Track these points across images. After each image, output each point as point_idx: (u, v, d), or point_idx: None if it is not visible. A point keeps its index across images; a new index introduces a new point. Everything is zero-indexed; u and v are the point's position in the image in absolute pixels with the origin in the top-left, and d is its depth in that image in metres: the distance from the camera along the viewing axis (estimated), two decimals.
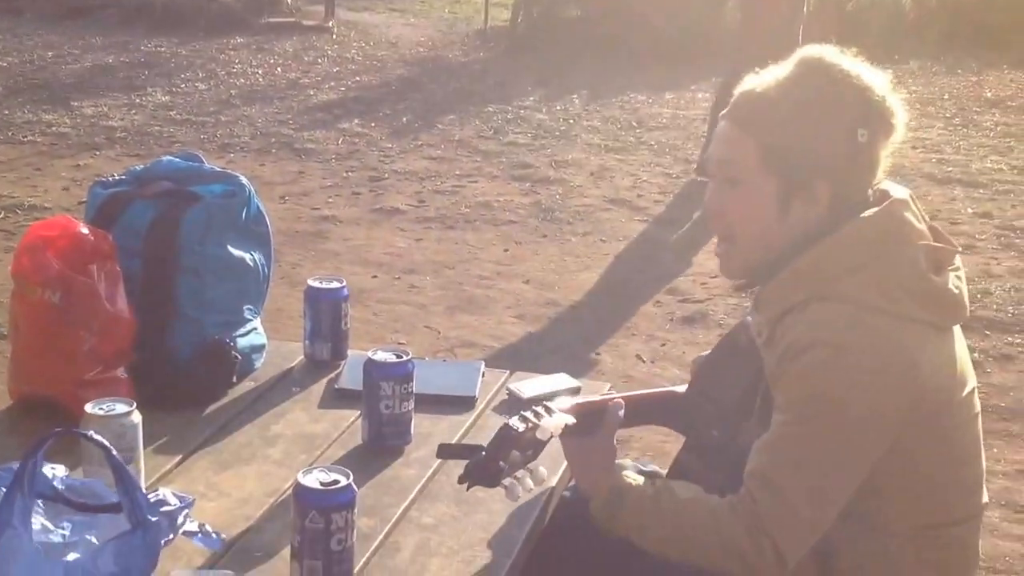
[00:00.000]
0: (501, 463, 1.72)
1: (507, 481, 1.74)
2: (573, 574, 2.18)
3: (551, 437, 1.79)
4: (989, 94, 9.22)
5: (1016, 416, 4.12)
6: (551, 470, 1.86)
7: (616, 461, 1.92)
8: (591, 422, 1.87)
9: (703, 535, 1.79)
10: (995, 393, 4.24)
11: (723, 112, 1.89)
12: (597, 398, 1.95)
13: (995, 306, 5.03)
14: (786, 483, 1.74)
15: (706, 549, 1.79)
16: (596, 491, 1.85)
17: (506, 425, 1.75)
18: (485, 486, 1.75)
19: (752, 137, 1.82)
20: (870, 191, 1.86)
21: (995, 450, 3.80)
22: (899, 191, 1.87)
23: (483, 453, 1.73)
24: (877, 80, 1.84)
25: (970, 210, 6.39)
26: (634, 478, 1.85)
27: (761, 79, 1.87)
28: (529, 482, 1.77)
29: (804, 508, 1.74)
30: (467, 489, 1.77)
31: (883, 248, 1.80)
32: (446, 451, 1.84)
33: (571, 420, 1.81)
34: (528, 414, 1.77)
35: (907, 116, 1.86)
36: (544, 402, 1.83)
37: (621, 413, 1.90)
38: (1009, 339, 4.77)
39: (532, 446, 1.78)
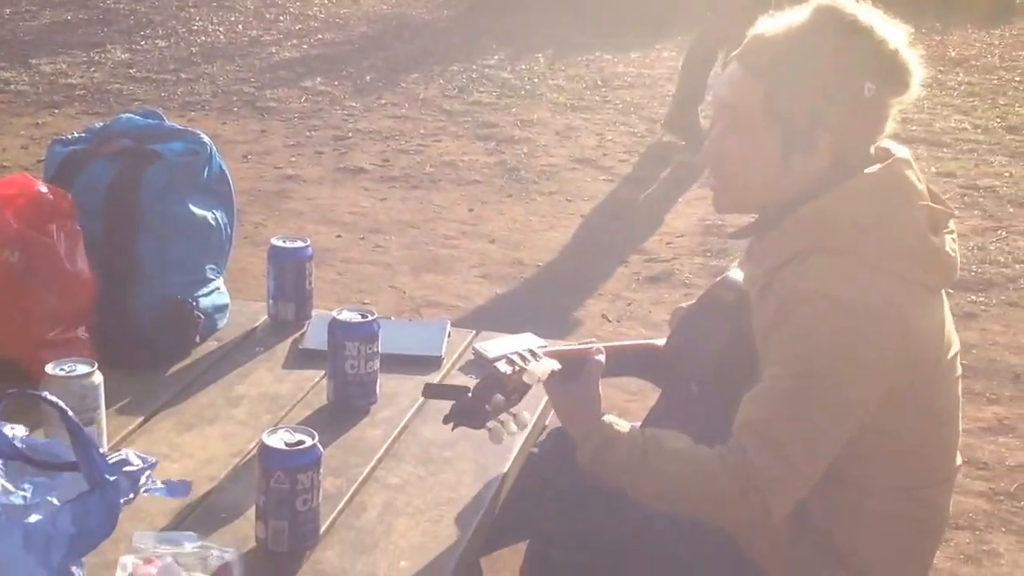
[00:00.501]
0: (486, 405, 1.71)
1: (491, 424, 1.73)
2: (540, 532, 2.20)
3: (537, 381, 1.78)
4: (953, 53, 9.24)
5: (978, 374, 4.15)
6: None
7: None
8: (574, 369, 1.86)
9: (691, 485, 1.78)
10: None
11: (734, 53, 1.86)
12: (577, 346, 1.94)
13: (959, 264, 5.05)
14: (777, 435, 1.73)
15: (693, 498, 1.79)
16: (585, 438, 1.84)
17: (493, 367, 1.74)
18: (470, 427, 1.73)
19: (758, 81, 1.80)
20: (872, 148, 1.84)
21: (960, 414, 3.83)
22: (900, 150, 1.86)
23: (469, 395, 1.73)
24: (892, 33, 1.81)
25: (934, 169, 6.41)
26: (623, 426, 1.85)
27: (774, 24, 1.84)
28: (513, 426, 1.76)
29: (794, 461, 1.74)
30: (452, 429, 1.75)
31: (888, 206, 1.79)
32: (432, 391, 1.82)
33: (557, 366, 1.81)
34: (515, 357, 1.77)
35: (924, 74, 1.83)
36: (531, 347, 1.82)
37: (602, 358, 1.89)
38: (972, 297, 4.81)
39: (517, 390, 1.77)
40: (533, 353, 1.80)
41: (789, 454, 1.73)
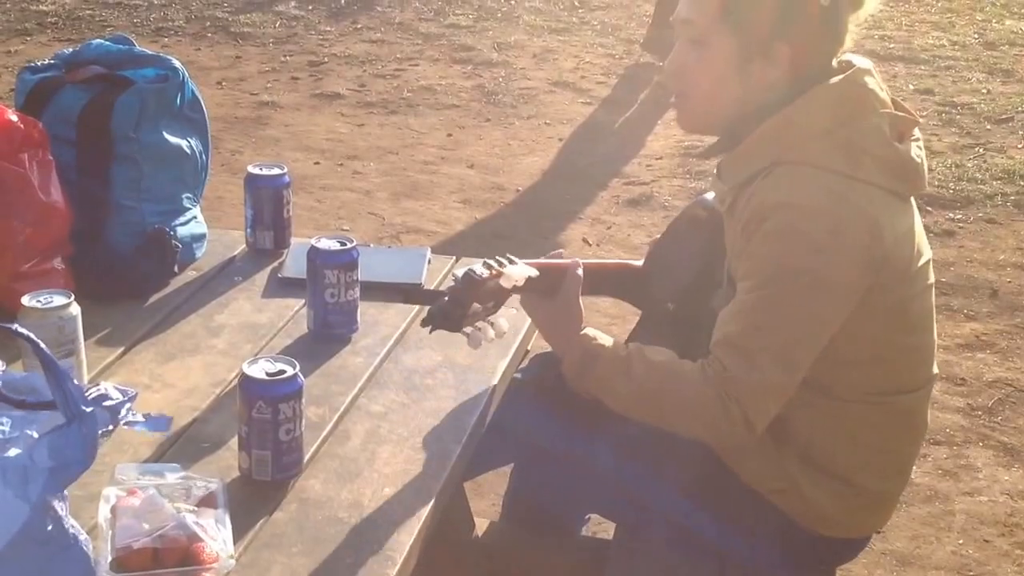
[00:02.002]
0: (464, 309, 1.71)
1: (468, 329, 1.73)
2: (522, 458, 2.21)
3: (514, 286, 1.77)
4: None
5: (956, 291, 4.18)
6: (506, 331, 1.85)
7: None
8: (552, 282, 1.86)
9: (673, 398, 1.80)
10: (936, 268, 4.22)
11: None
12: (556, 261, 1.93)
13: (936, 182, 5.06)
14: (753, 346, 1.74)
15: (675, 412, 1.81)
16: (569, 350, 1.85)
17: (470, 270, 1.73)
18: (447, 330, 1.73)
19: None
20: (834, 61, 1.84)
21: (935, 324, 3.84)
22: (861, 61, 1.86)
23: (446, 298, 1.72)
24: None
25: (911, 86, 6.39)
26: (606, 339, 1.85)
27: None
28: (491, 332, 1.76)
29: (771, 371, 1.75)
30: (430, 332, 1.75)
31: (848, 114, 1.79)
32: (411, 296, 1.80)
33: (534, 272, 1.80)
34: (492, 261, 1.76)
35: None
36: (508, 254, 1.82)
37: (580, 272, 1.89)
38: (950, 215, 4.82)
39: (494, 296, 1.77)
40: (511, 259, 1.80)
41: (764, 363, 1.74)
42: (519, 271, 1.78)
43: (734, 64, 1.81)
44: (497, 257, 1.79)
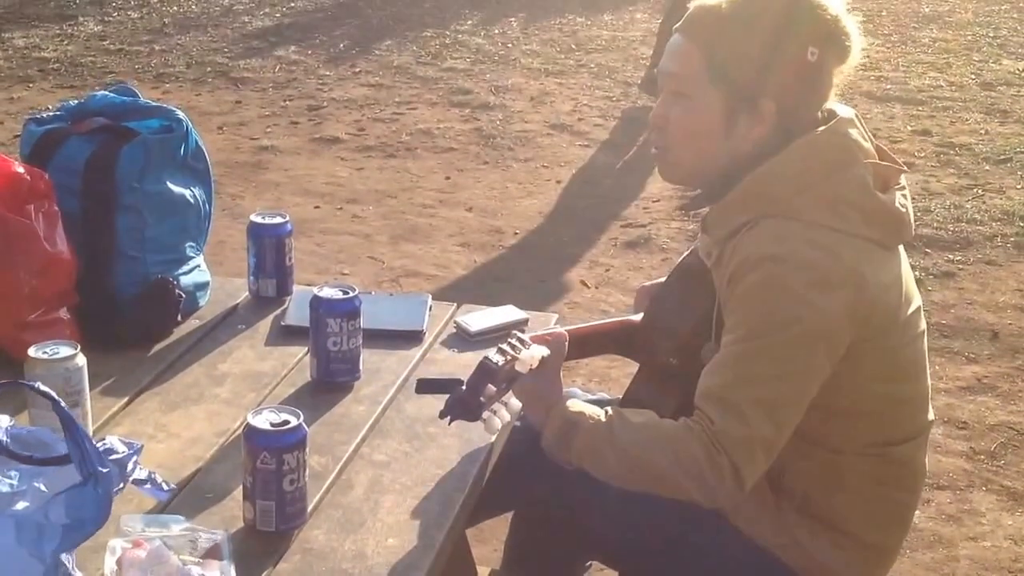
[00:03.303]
0: (481, 397, 1.72)
1: (485, 414, 1.74)
2: (526, 505, 2.21)
3: (529, 370, 1.78)
4: (927, 10, 9.26)
5: (957, 333, 4.19)
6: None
7: (565, 391, 1.92)
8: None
9: (660, 459, 1.76)
10: (936, 310, 4.31)
11: (677, 25, 1.87)
12: (550, 330, 1.95)
13: (935, 224, 5.09)
14: (739, 399, 1.73)
15: (663, 474, 1.76)
16: (548, 422, 1.84)
17: (486, 359, 1.74)
18: (466, 420, 1.74)
19: (699, 50, 1.81)
20: (818, 113, 1.86)
21: (936, 367, 3.86)
22: (844, 110, 1.87)
23: (463, 387, 1.73)
24: (834, 1, 1.82)
25: (909, 128, 6.43)
26: (584, 407, 1.85)
27: None
28: (505, 414, 1.77)
29: (758, 424, 1.73)
30: (449, 424, 1.76)
31: (831, 166, 1.80)
32: (425, 386, 1.83)
33: (546, 352, 1.82)
34: (506, 347, 1.77)
35: (863, 41, 1.84)
36: (517, 333, 1.83)
37: (564, 344, 1.89)
38: (949, 256, 4.84)
39: (508, 379, 1.78)
40: (522, 340, 1.80)
41: (750, 416, 1.72)
42: (533, 353, 1.79)
43: (719, 119, 1.82)
44: (510, 340, 1.79)
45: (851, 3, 1.85)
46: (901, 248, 1.90)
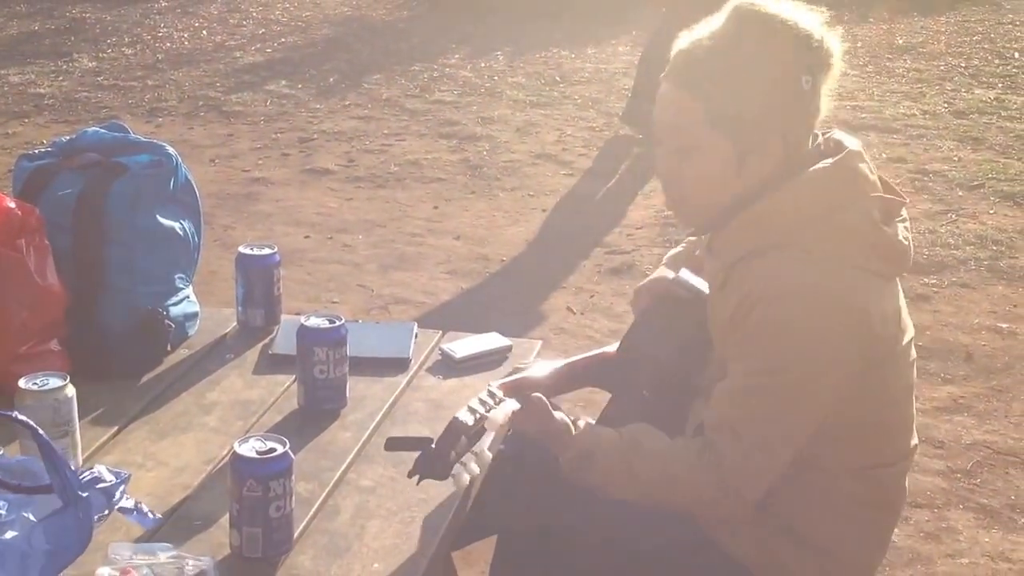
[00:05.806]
0: (451, 454, 1.71)
1: (455, 470, 1.72)
2: (512, 529, 2.24)
3: (499, 427, 1.79)
4: (900, 41, 9.33)
5: (932, 355, 4.23)
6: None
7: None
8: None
9: (672, 485, 1.86)
10: None
11: (664, 74, 1.87)
12: (523, 375, 2.01)
13: (912, 252, 5.13)
14: (752, 434, 1.80)
15: (675, 495, 1.87)
16: (562, 453, 1.90)
17: (455, 419, 1.75)
18: (435, 479, 1.73)
19: (698, 101, 1.81)
20: (819, 135, 1.88)
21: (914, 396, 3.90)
22: (852, 142, 1.89)
23: (432, 447, 1.72)
24: (814, 24, 1.82)
25: (884, 155, 6.49)
26: (600, 433, 1.90)
27: (697, 36, 1.85)
28: (474, 467, 1.74)
29: (768, 453, 1.81)
30: (417, 483, 1.75)
31: (839, 199, 1.82)
32: (395, 444, 1.81)
33: (516, 406, 1.84)
34: (475, 405, 1.79)
35: (842, 47, 1.85)
36: (488, 388, 1.85)
37: (539, 396, 1.91)
38: (924, 280, 4.89)
39: (478, 434, 1.78)
40: (493, 395, 1.83)
41: (763, 447, 1.80)
42: (502, 410, 1.81)
43: (732, 164, 1.83)
44: (480, 397, 1.81)
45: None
46: (897, 278, 1.93)
